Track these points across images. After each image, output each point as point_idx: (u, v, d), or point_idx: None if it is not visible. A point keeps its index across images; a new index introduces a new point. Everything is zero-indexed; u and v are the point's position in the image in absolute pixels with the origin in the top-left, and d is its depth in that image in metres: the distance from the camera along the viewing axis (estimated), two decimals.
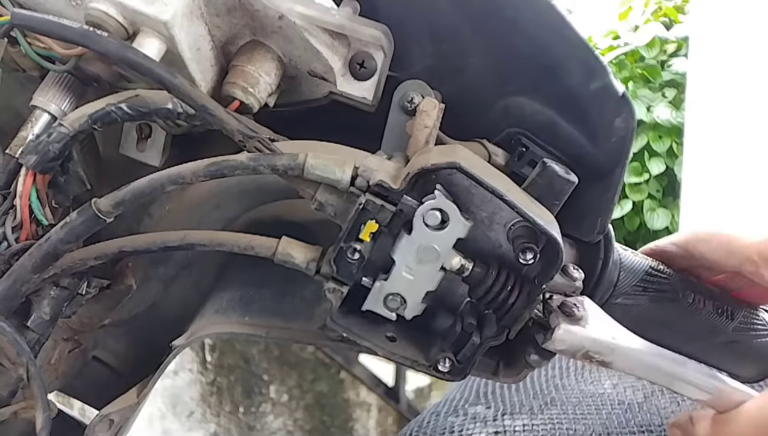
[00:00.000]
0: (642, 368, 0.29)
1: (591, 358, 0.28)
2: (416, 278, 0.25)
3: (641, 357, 0.29)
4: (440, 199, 0.24)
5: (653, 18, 2.63)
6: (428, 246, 0.25)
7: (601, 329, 0.28)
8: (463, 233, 0.25)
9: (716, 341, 0.36)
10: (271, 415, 1.64)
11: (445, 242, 0.25)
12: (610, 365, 0.29)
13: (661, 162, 2.49)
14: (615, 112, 0.28)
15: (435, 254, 0.25)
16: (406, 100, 0.28)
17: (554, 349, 0.28)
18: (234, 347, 1.60)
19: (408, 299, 0.26)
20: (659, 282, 0.34)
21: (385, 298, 0.26)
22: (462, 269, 0.26)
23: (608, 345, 0.28)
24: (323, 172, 0.25)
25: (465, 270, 0.26)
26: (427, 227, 0.24)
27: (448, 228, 0.24)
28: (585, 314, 0.28)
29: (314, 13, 0.26)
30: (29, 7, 0.27)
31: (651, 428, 0.43)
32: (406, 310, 0.26)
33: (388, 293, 0.26)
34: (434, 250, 0.25)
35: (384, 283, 0.26)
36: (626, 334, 0.29)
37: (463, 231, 0.25)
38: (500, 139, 0.30)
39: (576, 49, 0.28)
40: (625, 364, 0.29)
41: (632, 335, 0.30)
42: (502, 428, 0.44)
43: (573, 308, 0.28)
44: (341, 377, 1.68)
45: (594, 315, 0.29)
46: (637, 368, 0.29)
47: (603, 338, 0.28)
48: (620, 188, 0.30)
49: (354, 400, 1.70)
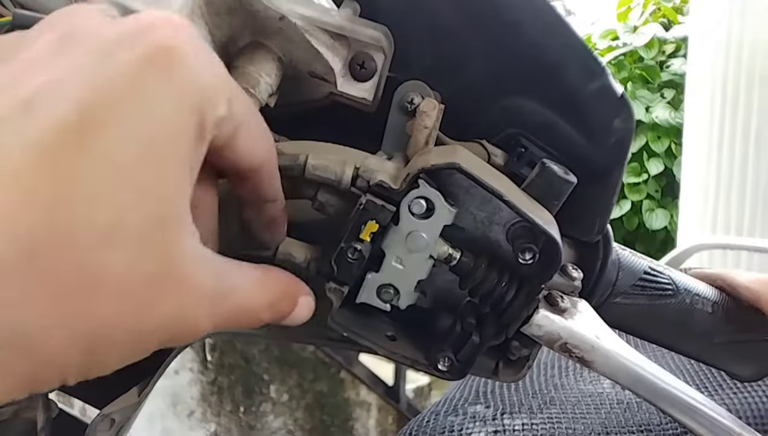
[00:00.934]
0: (624, 376, 0.29)
1: (570, 351, 0.28)
2: (406, 267, 0.26)
3: (624, 364, 0.29)
4: (424, 188, 0.24)
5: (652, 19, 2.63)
6: (416, 235, 0.25)
7: (585, 326, 0.28)
8: (449, 219, 0.25)
9: (715, 340, 0.36)
10: (272, 414, 1.64)
11: (432, 229, 0.25)
12: (591, 364, 0.28)
13: (659, 162, 2.50)
14: (614, 113, 0.28)
15: (423, 242, 0.25)
16: (406, 100, 0.28)
17: (530, 333, 0.28)
18: (234, 347, 1.60)
19: (400, 289, 0.26)
20: (658, 282, 0.34)
21: (378, 289, 0.26)
22: (450, 257, 0.26)
23: (588, 342, 0.28)
24: (324, 173, 0.25)
25: (453, 259, 0.26)
26: (413, 216, 0.25)
27: (434, 216, 0.25)
28: (569, 307, 0.28)
29: (315, 14, 0.26)
30: (31, 8, 0.27)
31: (650, 427, 0.43)
32: (399, 300, 0.26)
33: (381, 284, 0.26)
34: (422, 238, 0.25)
35: (375, 275, 0.26)
36: (614, 339, 0.29)
37: (449, 218, 0.25)
38: (499, 140, 0.30)
39: (574, 50, 0.28)
40: (606, 367, 0.29)
41: (622, 342, 0.29)
42: (502, 427, 0.45)
43: (557, 299, 0.28)
44: (341, 377, 1.68)
45: (583, 313, 0.29)
46: (620, 375, 0.29)
47: (583, 333, 0.28)
48: (619, 188, 0.30)
49: (354, 399, 1.70)
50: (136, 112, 0.16)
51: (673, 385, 0.29)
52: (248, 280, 0.21)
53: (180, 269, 0.17)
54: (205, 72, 0.18)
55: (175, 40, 0.17)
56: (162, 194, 0.17)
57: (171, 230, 0.17)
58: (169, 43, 0.17)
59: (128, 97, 0.16)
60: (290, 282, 0.23)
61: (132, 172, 0.16)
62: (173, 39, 0.17)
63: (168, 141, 0.17)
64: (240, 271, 0.21)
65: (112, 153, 0.16)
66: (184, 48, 0.17)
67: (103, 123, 0.16)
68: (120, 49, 0.17)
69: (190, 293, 0.18)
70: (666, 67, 2.57)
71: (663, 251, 2.41)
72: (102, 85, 0.16)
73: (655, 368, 0.29)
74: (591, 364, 0.28)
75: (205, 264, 0.19)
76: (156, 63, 0.17)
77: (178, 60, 0.17)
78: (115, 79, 0.16)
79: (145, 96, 0.16)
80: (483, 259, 0.26)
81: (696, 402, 0.30)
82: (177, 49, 0.17)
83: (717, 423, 0.30)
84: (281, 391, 1.65)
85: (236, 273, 0.21)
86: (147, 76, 0.17)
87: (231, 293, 0.20)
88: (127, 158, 0.16)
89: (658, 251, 2.51)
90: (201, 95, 0.18)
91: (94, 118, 0.16)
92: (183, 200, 0.18)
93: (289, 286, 0.23)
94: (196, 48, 0.18)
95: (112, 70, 0.16)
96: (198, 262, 0.18)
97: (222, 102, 0.18)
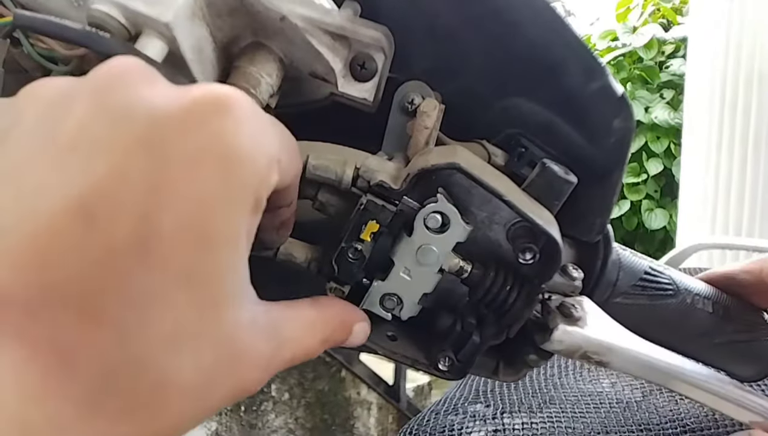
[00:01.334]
0: (638, 366, 0.30)
1: (589, 358, 0.29)
2: (414, 279, 0.26)
3: (638, 356, 0.29)
4: (442, 203, 0.24)
5: (651, 19, 2.63)
6: (427, 248, 0.25)
7: (599, 329, 0.29)
8: (463, 237, 0.25)
9: (715, 340, 0.36)
10: (273, 413, 1.64)
11: (444, 245, 0.25)
12: (608, 364, 0.29)
13: (659, 162, 2.51)
14: (614, 113, 0.28)
15: (434, 257, 0.25)
16: (406, 101, 0.28)
17: (552, 349, 0.28)
18: None
19: (404, 300, 0.26)
20: (658, 282, 0.34)
21: (381, 298, 0.26)
22: (461, 270, 0.26)
23: (605, 345, 0.28)
24: (325, 173, 0.25)
25: (464, 272, 0.26)
26: (428, 230, 0.24)
27: (449, 232, 0.24)
28: (583, 315, 0.29)
29: (315, 15, 0.26)
30: (31, 8, 0.27)
31: (650, 426, 0.43)
32: (402, 311, 0.26)
33: (385, 293, 0.26)
34: (433, 252, 0.25)
35: (381, 283, 0.26)
36: (624, 333, 0.30)
37: (463, 235, 0.25)
38: (500, 140, 0.30)
39: (574, 51, 0.28)
40: (622, 363, 0.29)
41: (630, 334, 0.30)
42: (502, 427, 0.45)
43: (571, 309, 0.28)
44: (342, 376, 1.68)
45: (592, 315, 0.29)
46: (634, 367, 0.30)
47: (600, 338, 0.28)
48: (619, 188, 0.30)
49: (355, 398, 1.70)
50: (194, 215, 0.15)
51: (686, 367, 0.30)
52: (301, 325, 0.21)
53: (238, 347, 0.17)
54: (261, 157, 0.17)
55: (233, 128, 0.16)
56: (218, 286, 0.16)
57: (228, 312, 0.17)
58: (228, 137, 0.16)
59: (185, 200, 0.15)
60: (343, 314, 0.23)
61: (189, 276, 0.15)
62: (233, 128, 0.16)
63: (226, 241, 0.16)
64: (293, 317, 0.21)
65: (171, 261, 0.15)
66: (243, 138, 0.16)
67: (161, 232, 0.15)
68: (175, 138, 0.15)
69: (248, 366, 0.18)
70: (665, 68, 2.58)
71: (662, 251, 2.41)
72: (158, 188, 0.15)
73: (666, 354, 0.30)
74: (608, 364, 0.29)
75: (261, 329, 0.18)
76: (214, 161, 0.16)
77: (236, 156, 0.16)
78: (172, 180, 0.15)
79: (203, 199, 0.15)
80: (491, 268, 0.26)
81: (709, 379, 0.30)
82: (236, 142, 0.16)
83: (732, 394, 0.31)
84: (282, 390, 1.65)
85: (289, 323, 0.20)
86: (205, 177, 0.15)
87: (286, 347, 0.20)
88: (185, 264, 0.15)
89: (657, 251, 2.51)
90: (258, 184, 0.17)
91: (152, 226, 0.15)
92: (239, 277, 0.17)
93: (343, 317, 0.23)
94: (253, 130, 0.17)
95: (168, 169, 0.15)
96: (254, 330, 0.18)
97: (275, 171, 0.18)
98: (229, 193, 0.16)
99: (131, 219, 0.15)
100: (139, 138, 0.15)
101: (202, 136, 0.16)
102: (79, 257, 0.14)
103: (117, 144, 0.15)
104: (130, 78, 0.17)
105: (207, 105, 0.16)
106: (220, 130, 0.16)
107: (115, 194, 0.15)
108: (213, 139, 0.16)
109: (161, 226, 0.15)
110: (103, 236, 0.14)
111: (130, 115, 0.16)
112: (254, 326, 0.18)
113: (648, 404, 0.46)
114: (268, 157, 0.17)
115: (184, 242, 0.15)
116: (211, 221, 0.16)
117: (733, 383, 0.32)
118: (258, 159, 0.17)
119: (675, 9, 2.63)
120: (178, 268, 0.15)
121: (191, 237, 0.15)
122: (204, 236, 0.16)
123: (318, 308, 0.22)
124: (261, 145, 0.17)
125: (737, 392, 0.32)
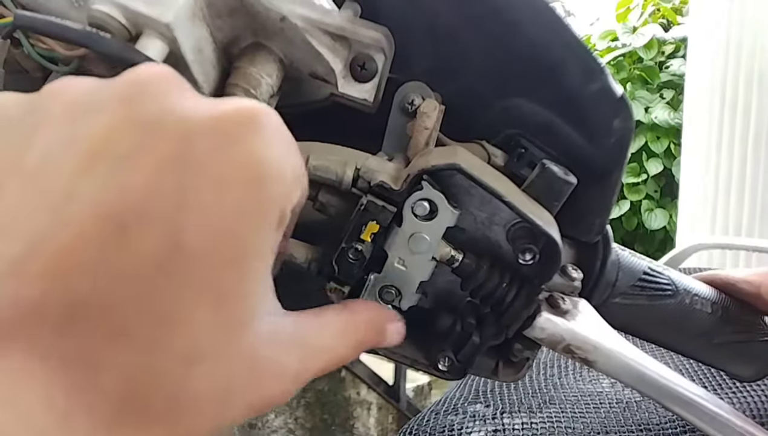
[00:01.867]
0: (626, 374, 0.29)
1: (573, 353, 0.28)
2: (409, 268, 0.26)
3: (627, 363, 0.29)
4: (427, 190, 0.24)
5: (651, 19, 2.63)
6: (419, 236, 0.25)
7: (587, 327, 0.28)
8: (452, 221, 0.25)
9: (714, 340, 0.36)
10: (272, 413, 1.64)
11: (435, 231, 0.25)
12: (594, 364, 0.29)
13: (658, 163, 2.50)
14: (613, 113, 0.28)
15: (425, 244, 0.25)
16: (406, 101, 0.28)
17: (534, 336, 0.28)
18: None
19: (402, 290, 0.26)
20: (657, 282, 0.35)
21: (380, 290, 0.26)
22: (452, 259, 0.26)
23: (591, 342, 0.28)
24: (325, 173, 0.25)
25: (455, 261, 0.26)
26: (417, 218, 0.25)
27: (438, 218, 0.25)
28: (571, 309, 0.28)
29: (315, 16, 0.26)
30: (32, 8, 0.27)
31: (649, 426, 0.43)
32: (401, 301, 0.27)
33: (383, 285, 0.26)
34: (425, 239, 0.25)
35: (378, 275, 0.26)
36: (616, 338, 0.29)
37: (452, 220, 0.25)
38: (499, 141, 0.30)
39: (574, 51, 0.28)
40: (608, 366, 0.29)
41: (623, 341, 0.29)
42: (501, 427, 0.45)
43: (558, 301, 0.28)
44: (342, 376, 1.68)
45: (584, 313, 0.29)
46: (622, 374, 0.29)
47: (585, 334, 0.28)
48: (619, 189, 0.30)
49: (354, 398, 1.70)
50: (224, 233, 0.15)
51: (675, 382, 0.30)
52: (330, 333, 0.21)
53: (257, 361, 0.17)
54: (289, 173, 0.17)
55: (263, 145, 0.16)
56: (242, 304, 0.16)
57: (248, 328, 0.16)
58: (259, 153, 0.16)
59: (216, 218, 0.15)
60: (375, 316, 0.23)
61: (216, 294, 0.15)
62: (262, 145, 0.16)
63: (254, 258, 0.16)
64: (320, 326, 0.20)
65: (199, 278, 0.15)
66: (272, 154, 0.16)
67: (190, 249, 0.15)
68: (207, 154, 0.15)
69: (269, 379, 0.18)
70: (665, 68, 2.58)
71: (662, 251, 2.42)
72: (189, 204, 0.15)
73: (656, 365, 0.30)
74: (593, 364, 0.29)
75: (283, 341, 0.18)
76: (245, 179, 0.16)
77: (267, 173, 0.16)
78: (203, 196, 0.15)
79: (233, 217, 0.15)
80: (485, 260, 0.26)
81: (698, 398, 0.30)
82: (266, 159, 0.16)
83: (719, 418, 0.30)
84: None
85: (317, 332, 0.20)
86: (236, 194, 0.15)
87: (315, 356, 0.20)
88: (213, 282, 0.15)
89: (657, 251, 2.51)
90: (285, 200, 0.17)
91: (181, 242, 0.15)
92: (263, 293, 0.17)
93: (375, 320, 0.23)
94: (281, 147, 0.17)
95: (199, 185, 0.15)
96: (274, 343, 0.18)
97: (299, 187, 0.18)
98: (259, 210, 0.16)
99: (161, 234, 0.15)
100: (171, 152, 0.15)
101: (234, 153, 0.16)
102: (107, 270, 0.14)
103: (148, 157, 0.15)
104: (160, 87, 0.16)
105: (238, 120, 0.16)
106: (251, 146, 0.16)
107: (145, 208, 0.14)
108: (244, 156, 0.16)
109: (190, 242, 0.15)
110: (133, 249, 0.14)
111: (161, 127, 0.15)
112: (275, 340, 0.18)
113: (648, 404, 0.46)
114: (294, 174, 0.17)
115: (212, 259, 0.15)
116: (240, 240, 0.16)
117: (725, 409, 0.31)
118: (286, 176, 0.17)
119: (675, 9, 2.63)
120: (205, 285, 0.15)
121: (220, 255, 0.15)
122: (233, 253, 0.16)
123: (348, 314, 0.22)
124: (288, 162, 0.17)
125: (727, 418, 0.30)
